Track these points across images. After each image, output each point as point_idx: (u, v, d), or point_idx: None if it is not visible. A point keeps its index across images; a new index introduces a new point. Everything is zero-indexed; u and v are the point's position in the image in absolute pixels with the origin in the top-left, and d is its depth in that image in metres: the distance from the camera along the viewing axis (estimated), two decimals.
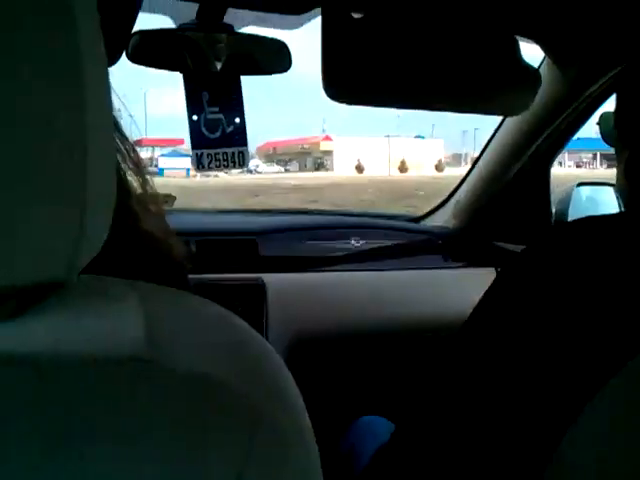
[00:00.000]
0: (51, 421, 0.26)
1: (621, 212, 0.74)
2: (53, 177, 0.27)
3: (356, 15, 0.99)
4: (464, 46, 1.08)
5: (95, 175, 0.28)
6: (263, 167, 51.91)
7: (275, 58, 1.06)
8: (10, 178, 0.25)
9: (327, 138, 61.43)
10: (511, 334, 0.70)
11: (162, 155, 48.12)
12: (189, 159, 1.20)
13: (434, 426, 0.76)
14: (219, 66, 1.04)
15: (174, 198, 2.10)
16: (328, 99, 1.00)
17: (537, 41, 1.19)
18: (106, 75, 0.31)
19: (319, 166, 56.33)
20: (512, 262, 0.75)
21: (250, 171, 47.13)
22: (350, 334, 1.65)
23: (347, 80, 1.06)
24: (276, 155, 63.12)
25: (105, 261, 0.32)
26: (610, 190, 1.88)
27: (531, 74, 1.14)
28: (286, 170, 54.64)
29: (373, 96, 1.10)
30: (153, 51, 1.01)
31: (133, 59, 1.00)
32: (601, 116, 0.78)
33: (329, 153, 58.04)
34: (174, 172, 39.75)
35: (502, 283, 0.75)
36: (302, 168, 56.49)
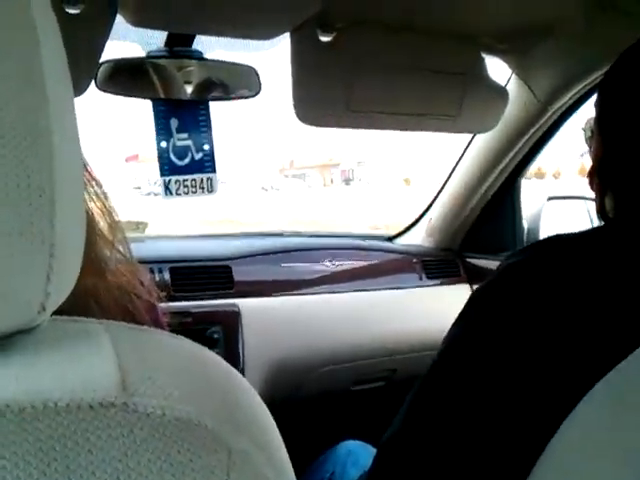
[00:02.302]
0: (24, 471, 0.25)
1: (593, 228, 0.75)
2: (21, 219, 0.26)
3: (324, 38, 0.99)
4: (432, 66, 1.10)
5: (63, 215, 0.28)
6: (281, 183, 41.72)
7: (245, 83, 1.06)
8: None
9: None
10: (488, 351, 0.70)
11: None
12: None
13: (420, 447, 0.75)
14: (188, 93, 1.03)
15: (146, 224, 2.07)
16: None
17: (503, 58, 1.21)
18: (72, 105, 0.30)
19: (347, 180, 45.09)
20: (488, 281, 0.76)
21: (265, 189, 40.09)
22: (327, 356, 1.64)
23: (317, 103, 1.06)
24: (291, 169, 53.49)
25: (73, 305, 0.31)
26: (581, 203, 1.91)
27: (499, 92, 1.16)
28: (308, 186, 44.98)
29: (343, 119, 1.11)
30: (122, 80, 1.00)
31: (101, 88, 0.99)
32: (587, 122, 0.79)
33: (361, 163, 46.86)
34: None
35: (479, 300, 0.76)
36: (326, 183, 46.96)
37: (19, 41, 0.26)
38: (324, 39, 0.99)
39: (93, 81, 0.99)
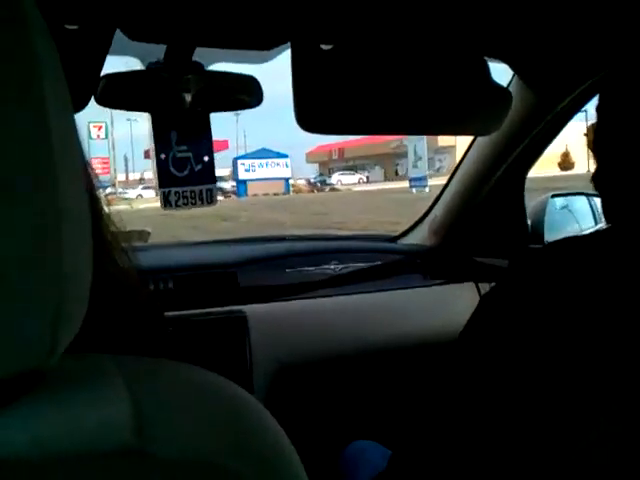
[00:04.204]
0: None
1: (599, 230, 0.75)
2: (27, 255, 0.25)
3: (325, 47, 0.98)
4: (434, 70, 1.08)
5: (71, 248, 0.26)
6: (340, 177, 36.26)
7: (246, 93, 1.05)
8: None
9: None
10: (501, 353, 0.70)
11: (240, 157, 32.18)
12: (286, 164, 1.16)
13: (431, 449, 0.75)
14: (188, 104, 1.02)
15: (148, 233, 2.06)
16: None
17: (506, 61, 1.19)
18: (72, 120, 0.29)
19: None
20: (501, 283, 0.76)
21: (314, 184, 35.99)
22: (334, 359, 1.64)
23: (320, 111, 1.05)
24: (341, 161, 45.88)
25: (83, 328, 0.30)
26: (584, 199, 1.90)
27: (502, 94, 1.15)
28: (368, 180, 39.32)
29: (346, 125, 1.10)
30: (121, 93, 0.99)
31: (101, 102, 0.98)
32: (589, 127, 0.78)
33: (446, 150, 31.38)
34: (265, 185, 28.83)
35: (489, 304, 0.76)
36: (389, 175, 40.50)
37: (18, 68, 0.25)
38: (325, 47, 0.98)
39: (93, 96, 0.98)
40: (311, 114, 1.06)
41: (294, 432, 0.37)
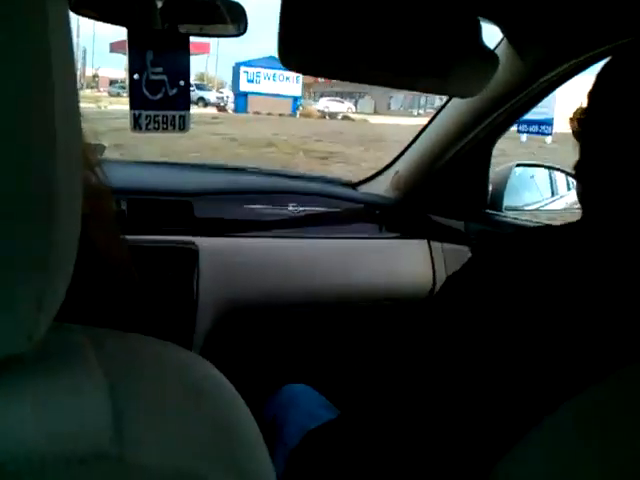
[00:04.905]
0: None
1: (571, 222, 0.75)
2: (17, 241, 0.22)
3: None
4: (424, 24, 1.05)
5: (62, 235, 0.24)
6: (327, 103, 29.71)
7: (230, 20, 0.99)
8: None
9: None
10: (462, 338, 0.71)
11: (243, 64, 25.16)
12: (297, 79, 1.04)
13: (387, 406, 0.77)
14: (165, 25, 0.96)
15: (103, 147, 1.98)
16: None
17: (498, 24, 1.17)
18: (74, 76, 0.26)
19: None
20: (465, 264, 0.76)
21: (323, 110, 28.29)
22: (283, 302, 1.64)
23: (304, 51, 1.01)
24: (327, 85, 38.03)
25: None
26: (545, 172, 1.93)
27: (490, 57, 1.12)
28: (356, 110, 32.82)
29: (329, 68, 1.06)
30: (98, 3, 0.92)
31: (76, 10, 0.91)
32: (575, 112, 0.76)
33: None
34: (269, 101, 23.54)
35: (456, 285, 0.76)
36: (381, 109, 35.13)
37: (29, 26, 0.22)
38: None
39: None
40: (294, 52, 1.02)
41: (230, 371, 0.36)
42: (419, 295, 1.83)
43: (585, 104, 0.74)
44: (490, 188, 1.80)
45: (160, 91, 1.02)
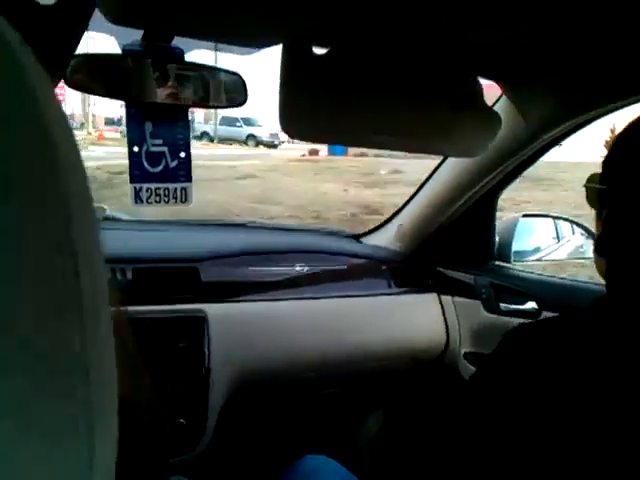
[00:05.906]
0: None
1: (603, 298, 0.71)
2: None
3: (318, 51, 0.93)
4: (427, 86, 1.04)
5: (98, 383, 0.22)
6: None
7: (229, 90, 0.98)
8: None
9: None
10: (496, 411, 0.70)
11: None
12: None
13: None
14: (165, 96, 0.95)
15: (103, 210, 1.96)
16: None
17: (498, 82, 1.16)
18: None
19: None
20: (495, 351, 0.75)
21: None
22: (294, 364, 1.59)
23: (306, 118, 1.00)
24: None
25: None
26: (550, 221, 1.92)
27: (492, 117, 1.11)
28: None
29: (330, 134, 1.05)
30: (92, 76, 0.91)
31: (70, 83, 0.90)
32: (589, 179, 0.73)
33: None
34: None
35: (488, 370, 0.76)
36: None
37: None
38: (318, 52, 0.93)
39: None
40: (295, 120, 1.01)
41: (248, 440, 0.32)
42: (434, 351, 1.79)
43: (599, 170, 0.71)
44: (497, 239, 1.78)
45: (160, 163, 1.00)
